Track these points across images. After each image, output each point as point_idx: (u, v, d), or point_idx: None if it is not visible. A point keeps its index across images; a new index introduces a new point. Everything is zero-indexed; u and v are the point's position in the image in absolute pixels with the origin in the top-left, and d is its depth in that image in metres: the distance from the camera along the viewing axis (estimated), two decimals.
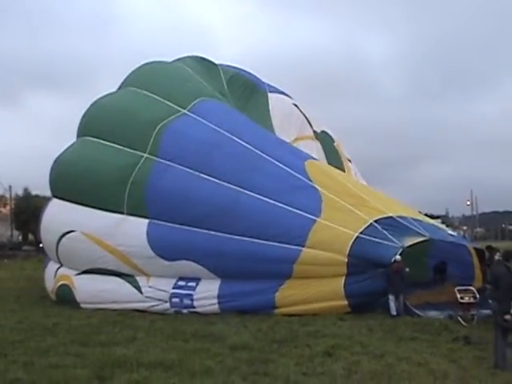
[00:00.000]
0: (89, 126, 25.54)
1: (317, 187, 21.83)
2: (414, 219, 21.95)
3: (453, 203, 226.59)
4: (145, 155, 22.78)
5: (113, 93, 26.98)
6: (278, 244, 20.39)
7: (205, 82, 25.94)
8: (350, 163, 30.53)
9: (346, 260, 19.84)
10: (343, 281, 19.87)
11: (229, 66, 28.49)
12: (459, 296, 19.45)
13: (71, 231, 23.21)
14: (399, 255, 19.80)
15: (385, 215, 21.45)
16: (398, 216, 21.68)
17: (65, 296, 23.74)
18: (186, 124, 23.38)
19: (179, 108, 23.88)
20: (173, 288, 21.37)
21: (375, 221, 20.92)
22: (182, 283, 21.37)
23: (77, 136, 26.24)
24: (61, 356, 13.90)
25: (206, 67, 27.38)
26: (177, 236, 21.35)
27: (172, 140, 22.78)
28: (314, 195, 21.59)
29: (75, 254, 23.35)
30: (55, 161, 25.67)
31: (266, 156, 22.47)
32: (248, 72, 28.63)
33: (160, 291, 21.41)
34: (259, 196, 21.21)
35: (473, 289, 19.98)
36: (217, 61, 28.40)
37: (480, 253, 22.88)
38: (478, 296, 19.40)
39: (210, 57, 28.40)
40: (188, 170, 21.98)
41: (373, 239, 20.30)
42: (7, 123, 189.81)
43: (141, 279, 22.03)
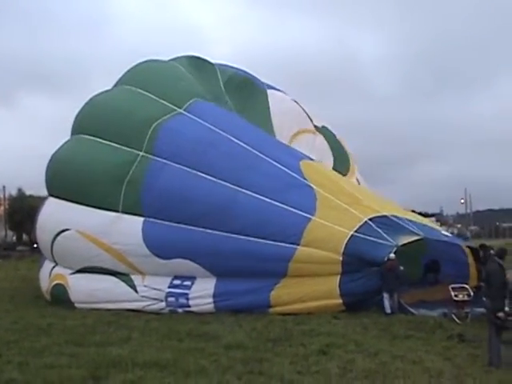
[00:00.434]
0: (84, 124, 25.46)
1: (312, 186, 21.87)
2: (409, 219, 22.00)
3: (447, 201, 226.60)
4: (141, 153, 22.76)
5: (108, 90, 26.89)
6: (274, 242, 20.41)
7: (199, 83, 25.87)
8: None
9: (341, 258, 19.87)
10: (338, 279, 19.90)
11: (226, 66, 28.39)
12: (453, 294, 19.50)
13: (66, 229, 23.12)
14: (393, 253, 19.84)
15: (379, 214, 21.51)
16: (393, 215, 21.73)
17: (59, 295, 23.64)
18: (182, 123, 23.37)
19: (175, 107, 23.86)
20: (168, 287, 21.33)
21: (370, 219, 20.96)
22: (178, 282, 21.34)
23: (71, 133, 26.18)
24: (55, 356, 13.90)
25: (202, 67, 27.26)
26: (172, 234, 21.32)
27: (168, 138, 22.76)
28: (309, 194, 21.62)
29: (70, 253, 23.29)
30: (51, 159, 25.57)
31: (262, 155, 22.50)
32: (245, 71, 28.60)
33: (155, 290, 21.38)
34: (255, 194, 21.23)
35: (467, 287, 20.03)
36: (212, 60, 28.34)
37: (475, 251, 22.91)
38: (473, 294, 19.46)
39: (203, 56, 28.34)
40: (184, 169, 21.97)
41: (367, 238, 20.34)
42: (1, 123, 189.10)
43: (136, 278, 21.99)
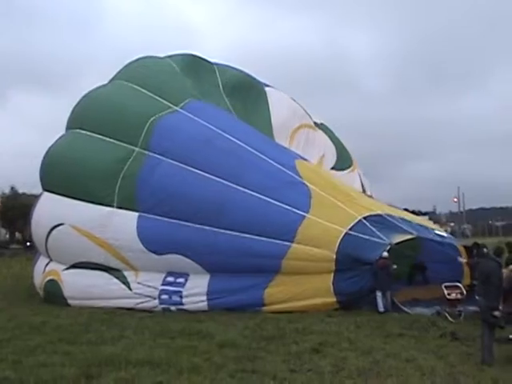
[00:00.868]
0: (80, 119, 25.47)
1: (307, 184, 21.92)
2: (403, 219, 22.06)
3: (440, 200, 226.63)
4: (136, 149, 22.79)
5: (104, 85, 26.88)
6: (268, 239, 20.42)
7: (195, 84, 25.80)
8: None
9: (335, 256, 19.89)
10: (332, 277, 19.92)
11: (225, 65, 28.41)
12: (446, 292, 19.54)
13: (61, 224, 23.11)
14: (387, 252, 19.88)
15: (374, 212, 21.60)
16: (387, 214, 21.81)
17: (52, 291, 23.63)
18: (178, 119, 23.40)
19: (171, 105, 23.91)
20: (162, 284, 21.31)
21: (364, 217, 21.01)
22: (171, 279, 21.33)
23: (66, 128, 26.19)
24: (49, 354, 13.87)
25: (200, 66, 27.22)
26: (167, 230, 21.34)
27: (164, 134, 22.79)
28: (304, 191, 21.66)
29: (64, 248, 23.26)
30: (45, 154, 25.53)
31: (258, 153, 22.54)
32: (243, 71, 28.66)
33: (149, 288, 21.36)
34: (250, 191, 21.24)
35: (460, 285, 20.07)
36: (211, 59, 28.35)
37: (469, 250, 22.90)
38: (465, 293, 19.50)
39: (201, 55, 28.31)
40: (180, 165, 21.98)
41: (361, 236, 20.39)
42: None
43: (129, 275, 21.97)
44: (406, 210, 27.79)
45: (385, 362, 12.83)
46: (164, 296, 21.17)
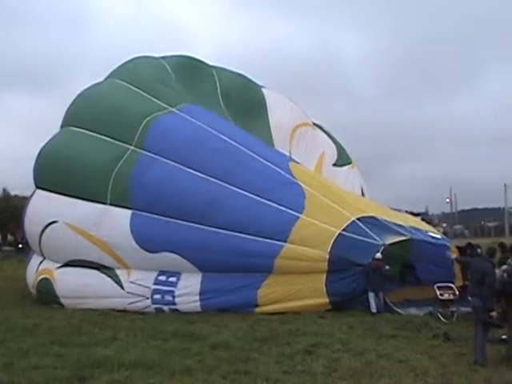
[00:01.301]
0: (74, 117, 25.49)
1: (300, 184, 21.98)
2: (395, 222, 22.07)
3: (432, 201, 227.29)
4: (131, 147, 22.79)
5: (99, 83, 26.88)
6: (261, 239, 20.46)
7: (189, 87, 25.82)
8: None
9: (328, 256, 19.91)
10: (324, 278, 19.93)
11: (222, 68, 28.47)
12: (439, 293, 19.60)
13: (54, 222, 23.05)
14: (380, 253, 19.90)
15: (367, 214, 21.67)
16: (380, 216, 21.85)
17: (45, 290, 23.54)
18: (174, 120, 23.42)
19: (167, 106, 23.92)
20: (154, 284, 21.26)
21: (357, 219, 21.06)
22: (163, 278, 21.28)
23: (61, 126, 26.15)
24: (41, 357, 13.81)
25: (195, 69, 27.25)
26: (160, 228, 21.33)
27: (159, 134, 22.80)
28: (298, 191, 21.71)
29: (58, 245, 23.19)
30: (40, 151, 25.47)
31: (252, 154, 22.60)
32: (239, 73, 28.75)
33: (141, 287, 21.31)
34: (244, 192, 21.28)
35: (452, 286, 20.11)
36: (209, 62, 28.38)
37: (462, 251, 22.89)
38: (458, 293, 19.54)
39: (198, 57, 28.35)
40: (174, 164, 21.99)
41: (355, 236, 20.44)
42: None
43: (121, 273, 21.90)
44: (398, 210, 27.74)
45: (377, 363, 12.83)
46: (156, 296, 21.12)
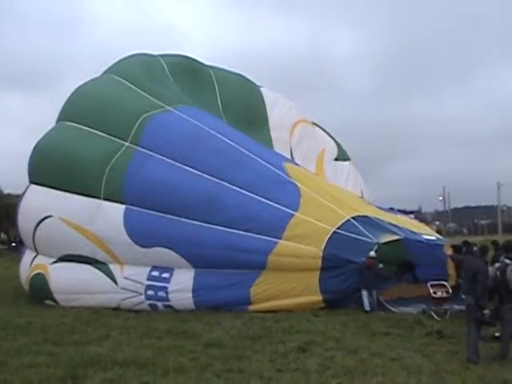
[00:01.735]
0: (71, 112, 25.46)
1: (296, 183, 22.07)
2: (390, 222, 22.13)
3: (426, 199, 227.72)
4: (126, 144, 22.81)
5: (96, 79, 26.89)
6: (255, 235, 20.50)
7: (186, 87, 25.89)
8: None
9: (321, 254, 19.95)
10: (318, 275, 19.96)
11: (219, 68, 28.51)
12: (432, 291, 19.64)
13: (48, 216, 23.00)
14: (374, 251, 19.94)
15: (362, 214, 21.77)
16: (375, 216, 21.96)
17: (39, 286, 23.43)
18: (170, 118, 23.47)
19: (163, 104, 23.97)
20: (147, 279, 21.21)
21: (352, 217, 21.13)
22: (156, 273, 21.25)
23: (57, 121, 26.12)
24: (34, 355, 13.77)
25: (193, 69, 27.29)
26: (154, 223, 21.31)
27: (155, 131, 22.83)
28: (293, 190, 21.79)
29: (52, 240, 23.12)
30: (35, 146, 25.43)
31: (248, 153, 22.68)
32: (236, 72, 28.88)
33: (135, 283, 21.28)
34: (239, 189, 21.32)
35: (445, 284, 20.16)
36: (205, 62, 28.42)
37: (457, 250, 22.92)
38: (451, 291, 19.59)
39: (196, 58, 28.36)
40: (169, 161, 22.01)
41: (349, 235, 20.50)
42: None
43: (115, 269, 21.87)
44: (392, 210, 27.75)
45: (371, 361, 12.84)
46: (150, 292, 21.10)
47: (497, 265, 13.40)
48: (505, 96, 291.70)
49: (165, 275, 21.16)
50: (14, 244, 45.95)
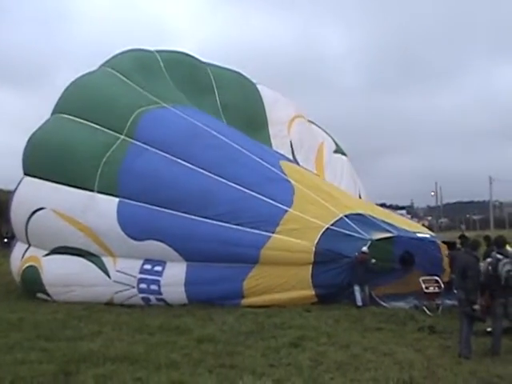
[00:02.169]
0: (66, 104, 25.43)
1: (290, 181, 22.18)
2: (384, 220, 22.16)
3: (418, 194, 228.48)
4: (121, 137, 22.78)
5: (93, 72, 26.77)
6: (248, 229, 20.54)
7: (183, 85, 25.90)
8: None
9: (314, 248, 20.00)
10: (310, 269, 20.00)
11: (215, 65, 28.55)
12: (424, 286, 19.69)
13: (41, 208, 22.93)
14: (367, 247, 19.97)
15: (355, 212, 21.83)
16: (369, 214, 22.02)
17: (31, 278, 23.31)
18: (166, 114, 23.53)
19: (159, 101, 24.02)
20: (140, 273, 21.18)
21: (346, 215, 21.20)
22: (148, 267, 21.22)
23: (52, 113, 26.05)
24: (26, 352, 13.73)
25: (190, 65, 27.37)
26: (147, 216, 21.28)
27: (151, 125, 22.87)
28: (287, 188, 21.90)
29: (44, 232, 23.04)
30: (29, 138, 25.39)
31: (244, 150, 22.76)
32: (232, 69, 28.96)
33: (127, 276, 21.24)
34: (233, 184, 21.37)
35: (437, 279, 20.20)
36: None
37: (450, 246, 22.94)
38: (443, 286, 19.63)
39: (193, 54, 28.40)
40: (164, 155, 22.02)
41: (342, 231, 20.57)
42: None
43: (108, 261, 21.81)
44: (383, 206, 27.82)
45: (363, 356, 12.88)
46: (142, 285, 21.08)
47: (488, 260, 13.44)
48: (496, 91, 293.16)
49: (157, 268, 21.13)
50: (6, 240, 45.63)
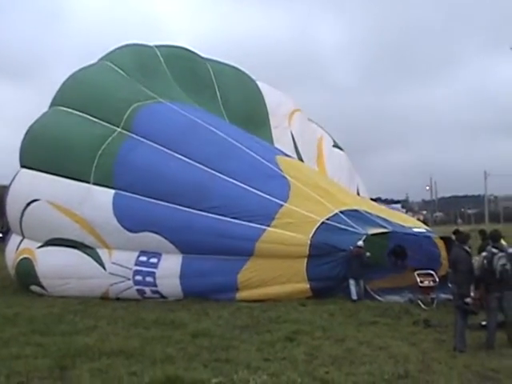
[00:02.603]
0: (64, 97, 25.45)
1: (286, 176, 22.18)
2: (380, 216, 22.19)
3: (412, 188, 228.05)
4: (118, 129, 22.80)
5: (91, 65, 26.78)
6: (243, 222, 20.57)
7: (182, 81, 25.89)
8: None
9: (309, 242, 20.02)
10: (305, 263, 20.02)
11: (215, 61, 28.52)
12: (419, 280, 19.72)
13: (36, 200, 22.92)
14: (362, 241, 19.99)
15: (351, 207, 21.88)
16: (364, 210, 22.09)
17: (25, 270, 23.30)
18: (163, 109, 23.59)
19: (156, 96, 24.07)
20: (135, 265, 21.19)
21: (341, 211, 21.23)
22: (144, 258, 21.22)
23: (50, 105, 26.10)
24: (22, 346, 13.75)
25: (189, 60, 27.37)
26: (143, 208, 21.29)
27: (147, 119, 22.91)
28: (283, 183, 21.90)
29: (39, 223, 23.01)
30: (27, 130, 25.41)
31: (240, 145, 22.79)
32: (231, 65, 28.99)
33: (123, 268, 21.24)
34: (230, 179, 21.39)
35: (432, 273, 20.22)
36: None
37: (446, 241, 22.93)
38: (438, 280, 19.66)
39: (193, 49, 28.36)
40: (161, 148, 22.04)
41: (338, 225, 20.60)
42: None
43: (103, 253, 21.79)
44: (378, 200, 27.88)
45: (358, 350, 12.90)
46: (138, 277, 21.08)
47: (484, 254, 13.48)
48: (491, 85, 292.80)
49: (153, 260, 21.13)
50: (1, 235, 45.49)
